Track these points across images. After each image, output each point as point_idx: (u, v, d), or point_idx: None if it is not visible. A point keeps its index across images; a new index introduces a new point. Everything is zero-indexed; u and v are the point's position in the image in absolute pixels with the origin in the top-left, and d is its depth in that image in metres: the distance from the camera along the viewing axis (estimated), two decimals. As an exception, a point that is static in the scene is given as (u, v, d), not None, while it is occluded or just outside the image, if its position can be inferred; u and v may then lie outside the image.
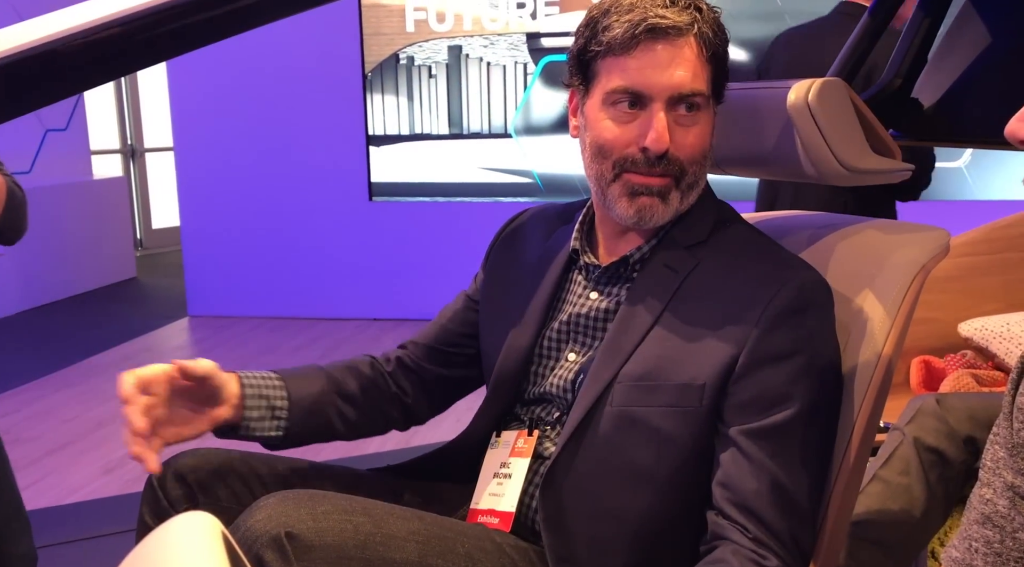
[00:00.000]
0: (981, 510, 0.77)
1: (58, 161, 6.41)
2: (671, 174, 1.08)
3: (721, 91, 1.11)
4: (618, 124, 1.08)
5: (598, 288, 1.17)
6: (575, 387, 1.13)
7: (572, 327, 1.17)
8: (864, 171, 1.13)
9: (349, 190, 5.11)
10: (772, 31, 4.89)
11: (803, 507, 1.02)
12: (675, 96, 1.05)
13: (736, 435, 1.02)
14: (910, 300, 1.10)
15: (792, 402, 1.02)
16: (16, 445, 3.40)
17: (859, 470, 1.09)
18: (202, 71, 5.08)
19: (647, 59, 1.05)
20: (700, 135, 1.08)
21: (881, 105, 1.40)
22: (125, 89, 7.53)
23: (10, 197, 1.50)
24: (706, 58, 1.06)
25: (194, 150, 5.23)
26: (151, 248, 7.75)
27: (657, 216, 1.10)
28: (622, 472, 1.06)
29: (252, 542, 0.93)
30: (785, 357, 1.03)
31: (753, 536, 1.00)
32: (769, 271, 1.07)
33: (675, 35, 1.04)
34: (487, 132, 4.95)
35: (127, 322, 5.37)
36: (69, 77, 0.63)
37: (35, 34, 0.60)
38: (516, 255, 1.30)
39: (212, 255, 5.33)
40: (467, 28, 4.85)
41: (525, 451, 1.14)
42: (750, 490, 1.01)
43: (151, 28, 0.62)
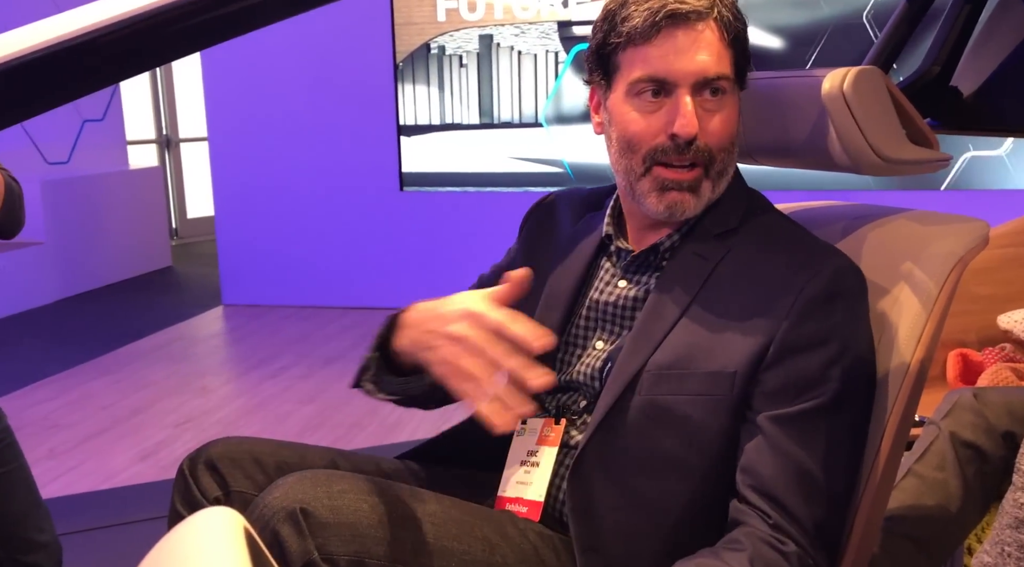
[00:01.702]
0: (1014, 514, 0.76)
1: (95, 151, 6.51)
2: (700, 162, 1.07)
3: (744, 75, 1.10)
4: (644, 114, 1.07)
5: (627, 276, 1.17)
6: (603, 376, 1.12)
7: (600, 315, 1.17)
8: (901, 161, 1.11)
9: (380, 180, 5.13)
10: (809, 18, 4.83)
11: (829, 495, 1.01)
12: (700, 81, 1.04)
13: (762, 421, 1.02)
14: (947, 293, 1.07)
15: (821, 390, 1.01)
16: (55, 431, 3.47)
17: (893, 464, 1.08)
18: (236, 62, 5.12)
19: (669, 46, 1.04)
20: (727, 121, 1.07)
21: (919, 94, 1.37)
22: (160, 80, 7.62)
23: (8, 192, 1.52)
24: (728, 41, 1.05)
25: (228, 140, 5.28)
26: (186, 237, 7.84)
27: (689, 210, 1.09)
28: (651, 461, 1.06)
29: (269, 518, 0.94)
30: (817, 345, 1.02)
31: (773, 522, 0.99)
32: (801, 258, 1.06)
33: (695, 20, 1.03)
34: (518, 121, 4.93)
35: (163, 311, 5.45)
36: (105, 68, 0.64)
37: (74, 25, 0.60)
38: (546, 234, 1.29)
39: (245, 244, 5.38)
40: (498, 17, 4.83)
41: (552, 439, 1.14)
42: (772, 476, 1.00)
43: (184, 19, 0.62)
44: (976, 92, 1.36)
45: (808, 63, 4.51)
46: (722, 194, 1.12)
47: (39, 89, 0.62)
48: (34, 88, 0.61)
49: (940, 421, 1.54)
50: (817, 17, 4.50)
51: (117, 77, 0.67)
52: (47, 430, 3.50)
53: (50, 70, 0.60)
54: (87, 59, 0.61)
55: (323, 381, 3.97)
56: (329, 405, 3.64)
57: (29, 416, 3.65)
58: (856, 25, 4.43)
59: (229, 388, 4.04)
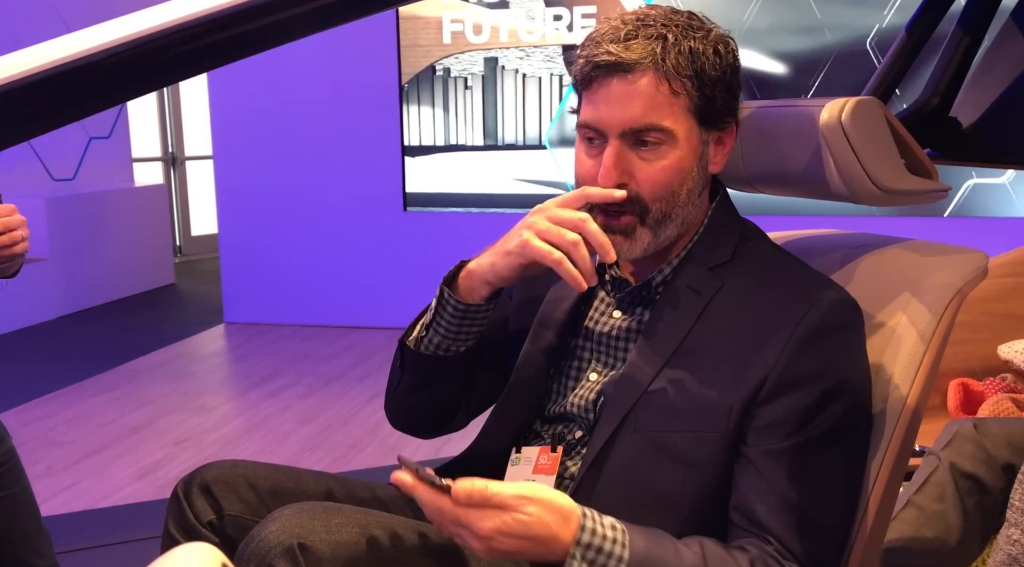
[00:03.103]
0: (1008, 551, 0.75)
1: (101, 168, 6.54)
2: (631, 211, 1.07)
3: (716, 117, 1.07)
4: (587, 157, 1.09)
5: (621, 307, 1.16)
6: (596, 408, 1.12)
7: (595, 345, 1.17)
8: (899, 192, 1.11)
9: (384, 200, 5.14)
10: (812, 45, 4.86)
11: (825, 530, 1.01)
12: (627, 131, 1.04)
13: (756, 456, 1.01)
14: (945, 325, 1.07)
15: (817, 425, 1.01)
16: (53, 448, 3.46)
17: (891, 495, 1.07)
18: (242, 81, 5.15)
19: (601, 95, 1.05)
20: (665, 170, 1.05)
21: (918, 124, 1.37)
22: (167, 98, 7.66)
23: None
24: (671, 91, 1.03)
25: (232, 159, 5.30)
26: (190, 255, 7.86)
27: (624, 252, 1.09)
28: (647, 497, 1.05)
29: (265, 553, 0.93)
30: (812, 381, 1.01)
31: (773, 549, 0.99)
32: (796, 291, 1.05)
33: (625, 71, 1.03)
34: (521, 143, 4.95)
35: (164, 328, 5.45)
36: (113, 88, 0.64)
37: (82, 45, 0.61)
38: None
39: (248, 263, 5.39)
40: (503, 40, 4.86)
41: (549, 468, 1.13)
42: (766, 511, 0.99)
43: (191, 41, 0.63)
44: (975, 123, 1.36)
45: (811, 90, 4.53)
46: (711, 225, 1.12)
47: (47, 108, 0.62)
48: (42, 107, 0.62)
49: (940, 452, 1.53)
50: (820, 44, 4.52)
51: (126, 97, 0.67)
52: (46, 447, 3.49)
53: (58, 89, 0.61)
54: (95, 79, 0.62)
55: (323, 401, 3.96)
56: (328, 425, 3.63)
57: (29, 432, 3.64)
58: (860, 52, 4.44)
59: (229, 407, 4.03)
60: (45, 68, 0.60)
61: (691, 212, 1.10)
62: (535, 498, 0.93)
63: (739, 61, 1.09)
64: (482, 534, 0.92)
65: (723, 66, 1.06)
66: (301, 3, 0.70)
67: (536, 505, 0.93)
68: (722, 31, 1.08)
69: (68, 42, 0.61)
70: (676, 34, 1.03)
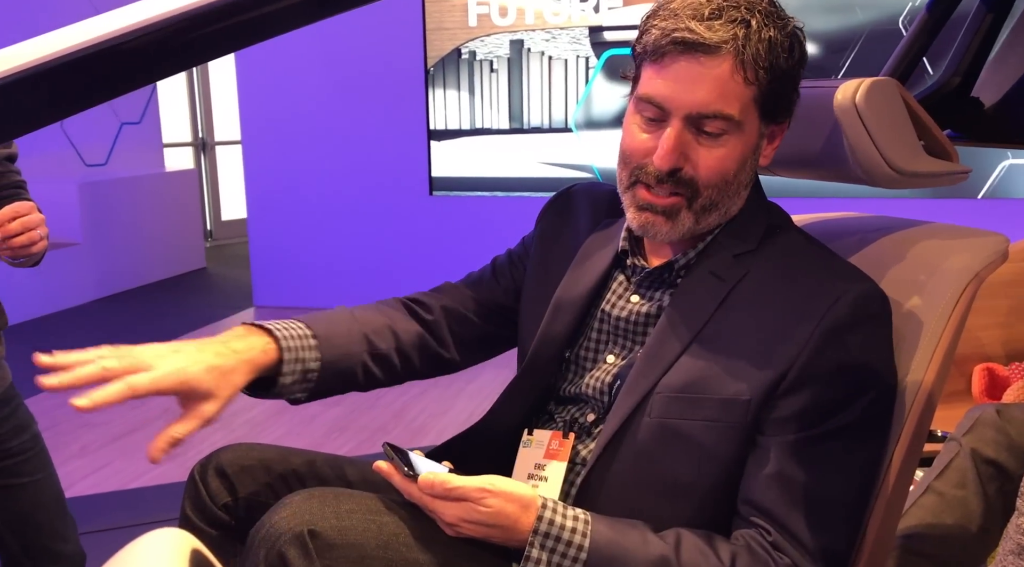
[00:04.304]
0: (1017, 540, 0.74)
1: (132, 154, 6.61)
2: (681, 194, 1.04)
3: (778, 110, 1.05)
4: (640, 131, 1.05)
5: (640, 291, 1.14)
6: (612, 391, 1.11)
7: (612, 328, 1.15)
8: (916, 174, 1.10)
9: (410, 184, 5.16)
10: (842, 24, 4.77)
11: (838, 520, 0.99)
12: (693, 115, 1.01)
13: (772, 446, 1.00)
14: (961, 309, 1.05)
15: (838, 418, 0.99)
16: (86, 430, 3.53)
17: (905, 480, 1.06)
18: (269, 66, 5.17)
19: (672, 72, 1.00)
20: (724, 158, 1.02)
21: (938, 105, 1.34)
22: (197, 83, 7.73)
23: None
24: (745, 79, 0.99)
25: (261, 143, 5.34)
26: (220, 239, 7.94)
27: (662, 234, 1.07)
28: (660, 485, 1.04)
29: (275, 539, 0.93)
30: (836, 374, 0.99)
31: (772, 539, 0.98)
32: (823, 283, 1.02)
33: (705, 52, 0.98)
34: (547, 126, 4.93)
35: (195, 312, 5.52)
36: (139, 70, 0.65)
37: (110, 27, 0.62)
38: (562, 230, 1.27)
39: (277, 247, 5.44)
40: (529, 22, 4.84)
41: (561, 453, 1.13)
42: (775, 499, 0.99)
43: (214, 22, 0.63)
44: (998, 103, 1.33)
45: (842, 70, 4.46)
46: (740, 210, 1.10)
47: (74, 89, 0.64)
48: (70, 88, 0.63)
49: (961, 437, 1.51)
50: (851, 23, 4.45)
51: (146, 80, 0.68)
52: (80, 428, 3.55)
53: (85, 71, 0.62)
54: (119, 61, 0.63)
55: (350, 384, 3.99)
56: (355, 408, 3.67)
57: (63, 414, 3.71)
58: (891, 31, 4.37)
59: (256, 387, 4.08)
60: (74, 50, 0.61)
61: (735, 202, 1.08)
62: (495, 491, 0.99)
63: (807, 55, 1.06)
64: (447, 521, 1.00)
65: (795, 60, 1.03)
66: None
67: (497, 497, 0.98)
68: (798, 22, 1.04)
69: (96, 24, 0.62)
70: (759, 21, 0.99)
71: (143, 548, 0.76)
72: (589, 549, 0.98)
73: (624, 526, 1.01)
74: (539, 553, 0.98)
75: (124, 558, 0.78)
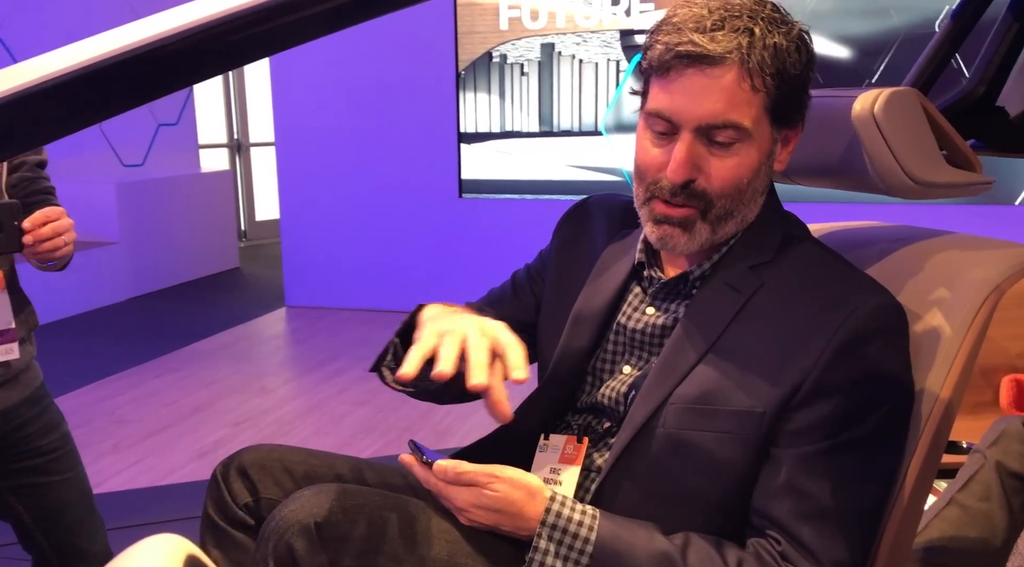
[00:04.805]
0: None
1: (169, 154, 6.72)
2: (694, 206, 1.04)
3: (790, 115, 1.05)
4: (653, 146, 1.05)
5: (655, 303, 1.15)
6: (627, 401, 1.12)
7: (627, 340, 1.16)
8: (937, 185, 1.09)
9: (440, 187, 5.19)
10: (878, 28, 4.72)
11: (852, 532, 0.99)
12: (703, 126, 1.01)
13: (785, 457, 1.00)
14: (981, 321, 1.05)
15: (852, 430, 0.99)
16: (119, 426, 3.59)
17: (920, 494, 1.05)
18: (303, 69, 5.23)
19: (679, 85, 1.00)
20: (737, 167, 1.02)
21: (962, 114, 1.33)
22: (233, 85, 7.83)
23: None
24: (752, 87, 0.99)
25: (294, 145, 5.40)
26: (254, 239, 8.03)
27: (680, 246, 1.07)
28: (673, 495, 1.05)
29: (284, 531, 0.96)
30: (851, 387, 0.98)
31: (782, 549, 0.98)
32: (839, 295, 1.02)
33: (709, 63, 0.98)
34: (577, 130, 4.93)
35: (228, 311, 5.59)
36: (178, 72, 0.67)
37: (150, 31, 0.63)
38: (579, 242, 1.28)
39: (309, 248, 5.50)
40: (560, 26, 4.85)
41: (574, 458, 1.14)
42: (788, 511, 0.98)
43: (253, 26, 0.65)
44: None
45: (876, 74, 4.41)
46: (755, 221, 1.09)
47: (113, 93, 0.65)
48: (108, 92, 0.65)
49: (986, 449, 1.49)
50: (887, 27, 4.40)
51: (184, 83, 0.70)
52: (113, 425, 3.62)
53: (123, 75, 0.63)
54: (158, 65, 0.64)
55: (379, 384, 3.98)
56: (383, 408, 3.70)
57: (97, 410, 3.79)
58: (927, 35, 4.31)
59: (288, 388, 4.13)
60: (113, 54, 0.63)
61: (751, 210, 1.08)
62: (502, 476, 1.04)
63: (815, 58, 1.06)
64: (458, 506, 1.05)
65: (803, 64, 1.03)
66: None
67: (503, 483, 1.03)
68: (803, 26, 1.04)
69: (137, 28, 0.64)
70: (763, 28, 0.99)
71: (136, 555, 0.78)
72: (595, 542, 1.01)
73: (632, 524, 1.03)
74: (547, 544, 1.01)
75: (124, 559, 0.80)
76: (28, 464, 1.62)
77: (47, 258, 1.47)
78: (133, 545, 0.84)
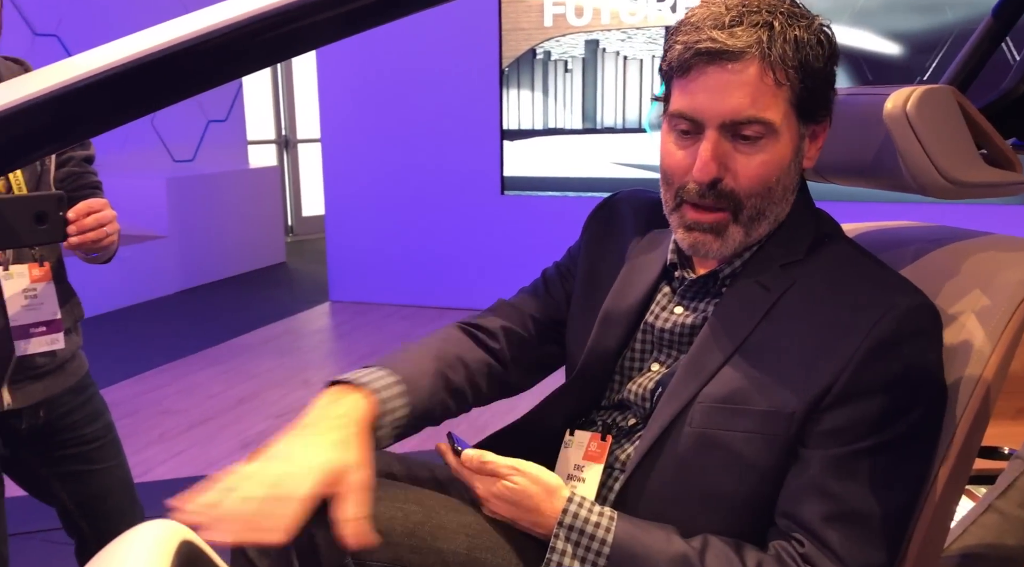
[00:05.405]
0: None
1: (218, 150, 6.84)
2: (725, 208, 1.03)
3: (816, 109, 1.04)
4: (678, 148, 1.05)
5: (683, 302, 1.14)
6: (654, 398, 1.11)
7: (656, 339, 1.15)
8: (973, 184, 1.06)
9: (482, 183, 5.20)
10: (930, 24, 4.62)
11: (879, 536, 0.97)
12: (727, 123, 1.00)
13: (814, 459, 0.98)
14: (1016, 324, 1.02)
15: (882, 433, 0.97)
16: (165, 417, 3.67)
17: (950, 500, 1.03)
18: (348, 66, 5.29)
19: (700, 83, 0.99)
20: (764, 164, 1.01)
21: (1003, 113, 1.30)
22: (280, 83, 7.94)
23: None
24: (776, 81, 0.98)
25: (339, 142, 5.46)
26: (301, 235, 8.14)
27: (713, 251, 1.06)
28: (699, 495, 1.04)
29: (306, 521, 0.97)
30: (882, 389, 0.97)
31: (804, 552, 0.97)
32: (871, 295, 1.00)
33: (730, 59, 0.98)
34: (621, 126, 4.91)
35: (273, 305, 5.68)
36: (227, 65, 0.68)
37: (200, 25, 0.65)
38: (608, 240, 1.27)
39: (353, 243, 5.55)
40: (605, 22, 4.83)
41: (598, 455, 1.14)
42: (814, 512, 0.97)
43: (297, 19, 0.66)
44: (1068, 111, 1.28)
45: (928, 72, 4.32)
46: (786, 220, 1.08)
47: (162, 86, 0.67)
48: (158, 85, 0.66)
49: (1027, 455, 1.46)
50: (939, 23, 4.31)
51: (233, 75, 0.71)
52: (159, 415, 3.70)
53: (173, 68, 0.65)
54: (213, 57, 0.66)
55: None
56: (422, 404, 3.72)
57: (144, 401, 3.87)
58: (981, 30, 4.21)
59: (329, 382, 4.17)
60: (165, 47, 0.65)
61: (783, 208, 1.07)
62: (523, 470, 1.06)
63: (838, 52, 1.05)
64: (480, 495, 1.08)
65: (825, 57, 1.01)
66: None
67: (524, 477, 1.05)
68: (823, 20, 1.04)
69: (187, 22, 0.66)
70: (782, 22, 0.98)
71: (129, 541, 0.80)
72: (612, 543, 1.01)
73: (650, 526, 1.02)
74: (564, 545, 1.02)
75: (111, 550, 0.82)
76: (72, 451, 1.66)
77: (91, 249, 1.50)
78: (126, 531, 0.86)
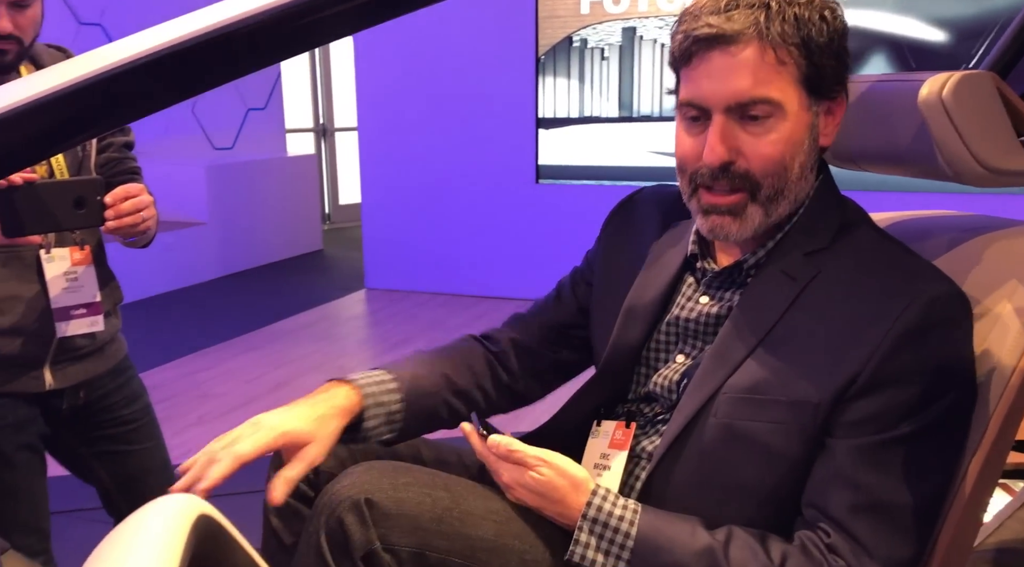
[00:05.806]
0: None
1: (257, 138, 6.91)
2: (741, 188, 1.03)
3: (825, 85, 1.03)
4: (688, 137, 1.05)
5: (709, 292, 1.13)
6: (680, 389, 1.11)
7: (681, 330, 1.15)
8: (1011, 172, 1.04)
9: (517, 172, 5.20)
10: (977, 10, 4.51)
11: (906, 528, 0.96)
12: (733, 105, 1.00)
13: (840, 449, 0.98)
14: (1053, 314, 1.00)
15: (909, 422, 0.96)
16: (204, 400, 3.73)
17: (982, 492, 1.02)
18: (385, 55, 5.30)
19: (702, 70, 1.01)
20: (775, 143, 1.01)
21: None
22: (319, 71, 7.99)
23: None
24: (777, 60, 0.99)
25: (375, 130, 5.49)
26: (337, 222, 8.20)
27: (732, 234, 1.06)
28: (724, 485, 1.04)
29: (335, 505, 0.99)
30: (909, 378, 0.96)
31: (830, 542, 0.97)
32: (898, 283, 0.99)
33: (728, 43, 0.98)
34: (657, 115, 4.88)
35: (310, 292, 5.73)
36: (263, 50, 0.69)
37: (235, 11, 0.66)
38: (629, 237, 1.28)
39: (389, 231, 5.59)
40: (642, 9, 4.79)
41: (622, 443, 1.14)
42: (841, 503, 0.97)
43: (333, 5, 0.67)
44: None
45: (974, 59, 4.23)
46: (810, 206, 1.08)
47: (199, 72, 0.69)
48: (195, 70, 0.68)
49: (1066, 449, 1.43)
50: (986, 9, 4.21)
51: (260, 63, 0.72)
52: (198, 398, 3.76)
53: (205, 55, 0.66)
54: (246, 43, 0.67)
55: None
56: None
57: (184, 385, 3.94)
58: (1029, 16, 4.11)
59: (365, 368, 4.19)
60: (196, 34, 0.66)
61: (803, 188, 1.06)
62: (551, 462, 1.05)
63: (847, 27, 1.04)
64: (505, 482, 1.08)
65: (830, 32, 1.01)
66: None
67: (550, 468, 1.05)
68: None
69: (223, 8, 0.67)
70: (780, 1, 0.99)
71: (146, 515, 0.82)
72: (636, 536, 1.01)
73: (674, 518, 1.02)
74: (587, 537, 1.02)
75: (128, 524, 0.84)
76: (111, 432, 1.70)
77: (129, 233, 1.53)
78: (142, 507, 0.87)
